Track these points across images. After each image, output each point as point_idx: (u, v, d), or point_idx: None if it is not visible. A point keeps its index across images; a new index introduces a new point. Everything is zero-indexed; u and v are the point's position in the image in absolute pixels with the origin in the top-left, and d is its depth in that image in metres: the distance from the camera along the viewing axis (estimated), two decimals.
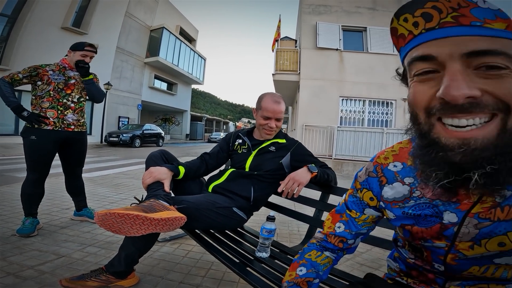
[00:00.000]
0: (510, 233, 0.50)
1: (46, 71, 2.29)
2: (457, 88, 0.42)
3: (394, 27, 0.52)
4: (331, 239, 0.75)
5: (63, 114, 2.32)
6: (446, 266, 0.59)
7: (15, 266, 1.64)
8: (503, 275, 0.56)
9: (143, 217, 1.08)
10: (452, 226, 0.55)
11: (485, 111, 0.42)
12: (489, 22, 0.44)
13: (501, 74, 0.43)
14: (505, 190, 0.48)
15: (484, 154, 0.43)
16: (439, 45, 0.45)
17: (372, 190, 0.69)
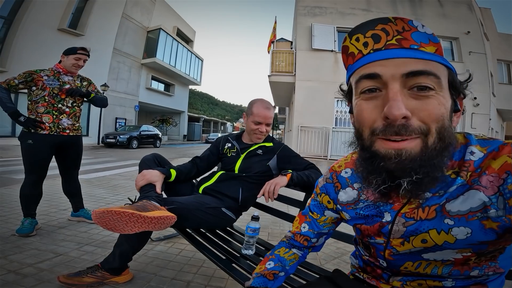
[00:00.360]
0: (431, 231, 0.56)
1: (41, 76, 2.35)
2: (398, 108, 0.48)
3: (346, 45, 0.57)
4: (297, 237, 0.84)
5: (58, 119, 2.39)
6: (387, 262, 0.67)
7: (15, 264, 1.72)
8: (433, 271, 0.62)
9: (137, 215, 1.16)
10: (387, 224, 0.63)
11: (412, 135, 0.50)
12: (424, 45, 0.51)
13: (428, 95, 0.49)
14: (427, 192, 0.56)
15: (411, 164, 0.50)
16: (383, 65, 0.51)
17: (328, 195, 0.78)
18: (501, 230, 0.51)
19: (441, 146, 0.51)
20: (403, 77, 0.49)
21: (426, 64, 0.50)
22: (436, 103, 0.50)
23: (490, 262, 0.59)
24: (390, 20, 0.51)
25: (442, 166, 0.52)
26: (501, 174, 0.49)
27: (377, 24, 0.52)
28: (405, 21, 0.51)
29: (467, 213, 0.52)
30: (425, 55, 0.50)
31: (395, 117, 0.48)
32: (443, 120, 0.50)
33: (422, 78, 0.49)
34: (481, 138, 0.57)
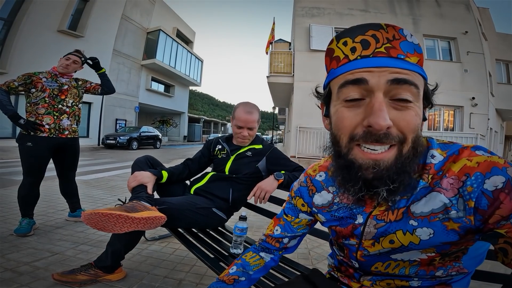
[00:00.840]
0: (397, 232, 0.59)
1: (40, 78, 2.40)
2: (384, 118, 0.49)
3: (332, 48, 0.56)
4: (269, 240, 0.87)
5: (59, 119, 2.45)
6: (359, 262, 0.70)
7: (12, 262, 1.77)
8: (401, 272, 0.65)
9: (124, 216, 1.21)
10: (359, 226, 0.65)
11: (392, 142, 0.51)
12: (409, 55, 0.52)
13: (407, 107, 0.51)
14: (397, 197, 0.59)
15: (388, 173, 0.52)
16: (371, 73, 0.51)
17: (302, 198, 0.81)
18: (462, 231, 0.53)
19: (414, 154, 0.53)
20: (387, 84, 0.50)
21: (409, 75, 0.51)
22: (413, 114, 0.52)
23: (454, 262, 0.61)
24: (382, 27, 0.52)
25: (411, 173, 0.54)
26: (461, 176, 0.52)
27: (368, 30, 0.52)
28: (396, 29, 0.52)
29: (429, 214, 0.55)
30: (409, 65, 0.52)
31: (381, 127, 0.49)
32: (418, 130, 0.53)
33: (404, 88, 0.51)
34: (441, 142, 0.61)
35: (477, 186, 0.50)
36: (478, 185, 0.50)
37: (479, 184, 0.50)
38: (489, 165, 0.50)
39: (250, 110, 1.75)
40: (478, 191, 0.50)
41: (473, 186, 0.50)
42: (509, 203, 0.47)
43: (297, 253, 2.24)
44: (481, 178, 0.50)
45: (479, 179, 0.50)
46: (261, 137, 1.90)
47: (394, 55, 0.51)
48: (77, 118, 2.61)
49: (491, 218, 0.49)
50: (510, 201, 0.47)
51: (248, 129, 1.74)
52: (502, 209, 0.47)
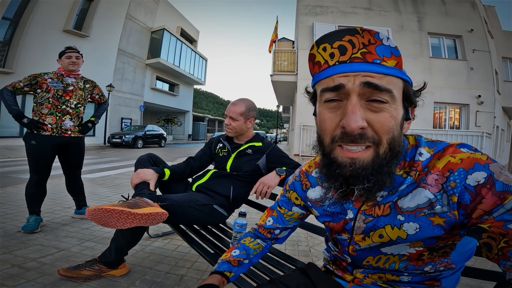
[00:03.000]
0: (386, 226, 0.61)
1: (45, 79, 2.45)
2: (355, 120, 0.52)
3: (313, 54, 0.58)
4: (262, 230, 0.91)
5: (61, 120, 2.49)
6: (351, 257, 0.73)
7: (20, 258, 1.82)
8: (391, 266, 0.66)
9: (127, 212, 1.25)
10: (350, 221, 0.68)
11: (366, 142, 0.54)
12: (386, 59, 0.53)
13: (382, 108, 0.53)
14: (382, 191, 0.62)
15: (364, 172, 0.54)
16: (347, 77, 0.53)
17: (296, 191, 0.84)
18: (447, 226, 0.55)
19: (391, 155, 0.55)
20: (361, 86, 0.53)
21: (383, 78, 0.53)
22: (388, 116, 0.54)
23: (443, 258, 0.63)
24: (358, 32, 0.53)
25: (390, 173, 0.56)
26: (445, 172, 0.54)
27: (345, 35, 0.53)
28: (371, 34, 0.52)
29: (414, 209, 0.57)
30: (385, 69, 0.53)
31: (352, 129, 0.52)
32: (393, 132, 0.55)
33: (377, 93, 0.53)
34: (429, 140, 0.63)
35: (460, 181, 0.52)
36: (461, 181, 0.52)
37: (462, 180, 0.52)
38: (472, 161, 0.52)
39: (236, 102, 1.81)
40: (461, 186, 0.52)
41: (456, 181, 0.52)
42: (491, 198, 0.48)
43: (298, 250, 2.27)
44: (464, 173, 0.52)
45: (462, 174, 0.52)
46: (261, 135, 1.93)
47: (370, 60, 0.53)
48: (80, 119, 2.65)
49: (474, 213, 0.50)
50: (492, 196, 0.48)
51: (230, 118, 1.79)
52: (484, 204, 0.49)
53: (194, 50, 26.66)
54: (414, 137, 0.64)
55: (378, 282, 0.71)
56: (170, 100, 25.00)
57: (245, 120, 1.79)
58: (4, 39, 12.16)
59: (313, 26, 10.32)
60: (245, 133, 1.85)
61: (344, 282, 0.78)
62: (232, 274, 0.81)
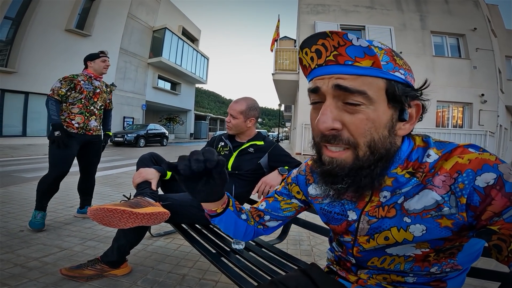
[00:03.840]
0: (392, 229, 0.60)
1: (79, 81, 2.58)
2: (323, 121, 0.54)
3: (300, 58, 0.59)
4: (253, 210, 0.90)
5: (88, 120, 2.63)
6: (355, 258, 0.72)
7: (22, 258, 1.83)
8: (396, 267, 0.65)
9: (129, 212, 1.25)
10: (353, 223, 0.67)
11: (340, 144, 0.54)
12: (359, 60, 0.51)
13: (357, 110, 0.53)
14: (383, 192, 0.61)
15: (341, 172, 0.56)
16: (322, 80, 0.55)
17: (299, 185, 0.84)
18: (456, 228, 0.54)
19: (374, 158, 0.55)
20: (333, 89, 0.53)
21: (355, 79, 0.52)
22: (363, 118, 0.53)
23: (449, 259, 0.62)
24: (328, 35, 0.52)
25: (373, 176, 0.56)
26: (453, 174, 0.53)
27: (318, 39, 0.53)
28: (340, 35, 0.51)
29: (421, 211, 0.56)
30: (357, 70, 0.52)
31: (321, 130, 0.54)
32: (372, 135, 0.53)
33: (348, 95, 0.52)
34: (438, 141, 0.61)
35: (468, 182, 0.51)
36: (469, 182, 0.51)
37: (471, 181, 0.51)
38: (480, 162, 0.51)
39: (238, 100, 1.82)
40: (469, 187, 0.51)
41: (464, 183, 0.51)
42: (500, 199, 0.47)
43: (300, 250, 2.26)
44: (473, 175, 0.51)
45: (471, 175, 0.51)
46: (263, 134, 1.92)
47: (342, 61, 0.53)
48: (100, 120, 2.80)
49: (483, 215, 0.50)
50: (502, 198, 0.47)
51: (230, 115, 1.79)
52: (493, 206, 0.48)
53: (195, 49, 26.67)
54: (422, 138, 0.63)
55: (383, 283, 0.70)
56: (172, 99, 25.02)
57: (245, 118, 1.79)
58: (7, 38, 12.20)
59: (315, 25, 10.30)
60: (246, 131, 1.84)
61: (348, 283, 0.77)
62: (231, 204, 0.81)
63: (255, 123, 1.88)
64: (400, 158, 0.59)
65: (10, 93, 12.15)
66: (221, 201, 0.77)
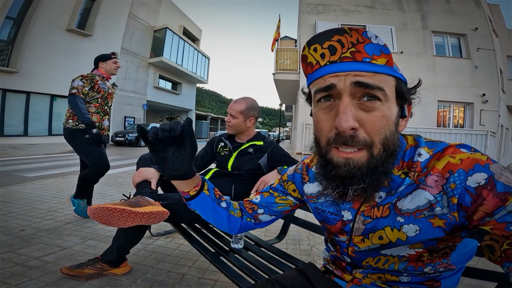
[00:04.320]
0: (386, 228, 0.61)
1: (97, 80, 2.63)
2: (346, 120, 0.51)
3: (305, 55, 0.58)
4: (246, 203, 0.89)
5: (102, 119, 2.70)
6: (350, 258, 0.72)
7: (23, 257, 1.84)
8: (390, 267, 0.66)
9: (128, 211, 1.25)
10: (349, 223, 0.67)
11: (357, 145, 0.53)
12: (376, 58, 0.52)
13: (374, 107, 0.53)
14: (379, 192, 0.61)
15: (359, 172, 0.54)
16: (338, 77, 0.53)
17: (295, 184, 0.84)
18: (448, 228, 0.54)
19: (386, 155, 0.55)
20: (351, 86, 0.52)
21: (373, 76, 0.53)
22: (380, 116, 0.53)
23: (443, 259, 0.62)
24: (346, 32, 0.52)
25: (387, 173, 0.56)
26: (444, 173, 0.53)
27: (333, 35, 0.53)
28: (359, 32, 0.52)
29: (414, 211, 0.57)
30: (375, 67, 0.53)
31: (344, 129, 0.52)
32: (385, 132, 0.54)
33: (368, 90, 0.53)
34: (429, 140, 0.62)
35: (460, 183, 0.51)
36: (461, 182, 0.51)
37: (462, 181, 0.51)
38: (472, 162, 0.51)
39: (238, 100, 1.83)
40: (461, 187, 0.51)
41: (456, 183, 0.51)
42: (492, 199, 0.48)
43: (299, 250, 2.27)
44: (464, 175, 0.51)
45: (462, 176, 0.51)
46: (262, 134, 1.93)
47: (359, 58, 0.53)
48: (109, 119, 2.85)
49: (475, 215, 0.50)
50: (493, 198, 0.47)
51: (230, 115, 1.80)
52: (485, 206, 0.48)
53: (196, 49, 26.67)
54: (413, 137, 0.63)
55: (377, 282, 0.70)
56: (173, 99, 25.04)
57: (245, 118, 1.79)
58: (8, 38, 12.21)
59: (315, 24, 10.29)
60: (245, 131, 1.85)
61: (343, 282, 0.78)
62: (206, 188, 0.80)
63: (255, 123, 1.88)
64: (397, 157, 0.60)
65: (12, 92, 12.18)
66: (193, 183, 0.76)
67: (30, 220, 2.57)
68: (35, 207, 2.99)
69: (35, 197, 3.42)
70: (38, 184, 4.20)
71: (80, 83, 2.53)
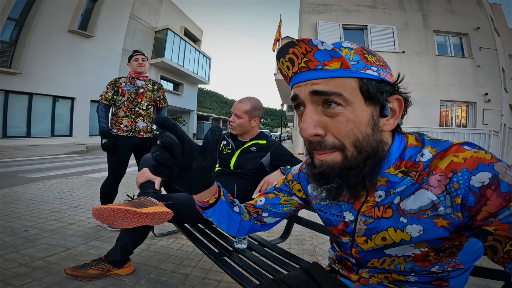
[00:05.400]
0: (389, 229, 0.60)
1: (121, 83, 2.61)
2: (305, 129, 0.55)
3: (279, 67, 0.60)
4: (250, 207, 0.89)
5: (135, 122, 2.61)
6: (355, 259, 0.72)
7: (27, 257, 1.84)
8: (396, 267, 0.65)
9: (132, 212, 1.26)
10: (351, 224, 0.67)
11: (326, 150, 0.55)
12: (327, 63, 0.52)
13: (336, 113, 0.53)
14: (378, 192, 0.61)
15: (331, 172, 0.57)
16: (300, 87, 0.56)
17: (300, 183, 0.83)
18: (452, 228, 0.54)
19: (362, 157, 0.55)
20: (310, 96, 0.54)
21: (328, 82, 0.53)
22: (343, 120, 0.53)
23: (450, 258, 0.61)
24: (296, 43, 0.53)
25: (364, 175, 0.56)
26: (448, 173, 0.52)
27: (288, 48, 0.54)
28: (305, 42, 0.52)
29: (417, 211, 0.56)
30: (328, 73, 0.53)
31: (305, 137, 0.56)
32: (356, 135, 0.54)
33: (325, 97, 0.53)
34: (432, 139, 0.61)
35: (463, 182, 0.50)
36: (464, 182, 0.50)
37: (466, 181, 0.50)
38: (476, 161, 0.50)
39: (242, 100, 1.83)
40: (464, 187, 0.50)
41: (459, 182, 0.51)
42: (496, 199, 0.47)
43: (303, 249, 2.27)
44: (468, 174, 0.50)
45: (466, 175, 0.50)
46: (265, 134, 1.93)
47: (312, 67, 0.54)
48: (151, 119, 2.76)
49: (479, 215, 0.49)
50: (497, 198, 0.47)
51: (235, 115, 1.80)
52: (489, 206, 0.47)
53: (198, 50, 26.69)
54: (415, 137, 0.62)
55: (384, 282, 0.70)
56: (175, 100, 25.05)
57: (250, 118, 1.79)
58: (10, 39, 12.22)
59: (316, 24, 10.29)
60: (249, 131, 1.85)
61: (350, 282, 0.77)
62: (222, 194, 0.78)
63: (259, 123, 1.88)
64: (392, 157, 0.59)
65: (14, 94, 12.21)
66: (212, 190, 0.72)
67: (34, 220, 2.58)
68: (39, 207, 3.01)
69: (38, 197, 3.43)
70: (42, 185, 4.22)
71: (104, 89, 2.56)
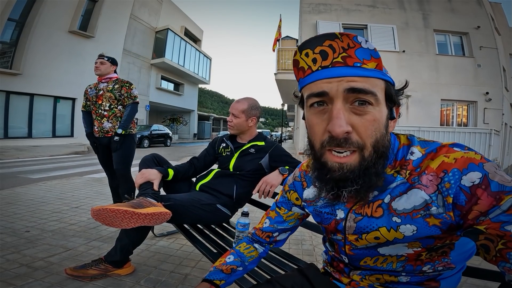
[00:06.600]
0: (381, 229, 0.61)
1: (87, 90, 2.80)
2: (339, 125, 0.52)
3: (297, 60, 0.58)
4: (259, 233, 0.90)
5: (101, 123, 2.73)
6: (348, 257, 0.73)
7: (28, 258, 1.86)
8: (388, 266, 0.66)
9: (131, 212, 1.27)
10: (341, 221, 0.68)
11: (351, 147, 0.54)
12: (366, 62, 0.53)
13: (366, 111, 0.54)
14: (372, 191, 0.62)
15: (352, 175, 0.55)
16: (330, 83, 0.54)
17: (297, 191, 0.84)
18: (444, 227, 0.55)
19: (376, 156, 0.56)
20: (345, 93, 0.53)
21: (365, 81, 0.53)
22: (372, 119, 0.54)
23: (442, 258, 0.63)
24: (337, 37, 0.52)
25: (378, 173, 0.57)
26: (439, 173, 0.54)
27: (325, 40, 0.53)
28: (350, 37, 0.52)
29: (411, 211, 0.57)
30: (366, 72, 0.53)
31: (337, 134, 0.53)
32: (377, 135, 0.55)
33: (361, 95, 0.53)
34: (422, 139, 0.63)
35: (454, 182, 0.51)
36: (455, 181, 0.51)
37: (457, 180, 0.51)
38: (466, 161, 0.52)
39: (239, 100, 1.85)
40: (455, 187, 0.51)
41: (450, 182, 0.52)
42: (486, 199, 0.48)
43: (302, 250, 2.27)
44: (459, 174, 0.51)
45: (457, 175, 0.51)
46: (264, 135, 1.94)
47: (351, 63, 0.53)
48: (119, 119, 2.76)
49: (470, 214, 0.50)
50: (488, 197, 0.48)
51: (232, 115, 1.82)
52: (480, 205, 0.49)
53: (198, 50, 26.71)
54: (406, 136, 0.64)
55: (375, 284, 0.70)
56: (175, 100, 25.10)
57: (247, 118, 1.81)
58: (11, 40, 12.24)
59: (316, 24, 10.28)
60: (247, 131, 1.86)
61: (342, 284, 0.78)
62: (222, 282, 0.79)
63: (257, 123, 1.89)
64: (390, 157, 0.61)
65: (16, 94, 12.24)
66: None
67: (35, 221, 2.60)
68: (40, 208, 3.02)
69: (39, 198, 3.45)
70: (43, 185, 4.24)
71: (83, 99, 2.76)
